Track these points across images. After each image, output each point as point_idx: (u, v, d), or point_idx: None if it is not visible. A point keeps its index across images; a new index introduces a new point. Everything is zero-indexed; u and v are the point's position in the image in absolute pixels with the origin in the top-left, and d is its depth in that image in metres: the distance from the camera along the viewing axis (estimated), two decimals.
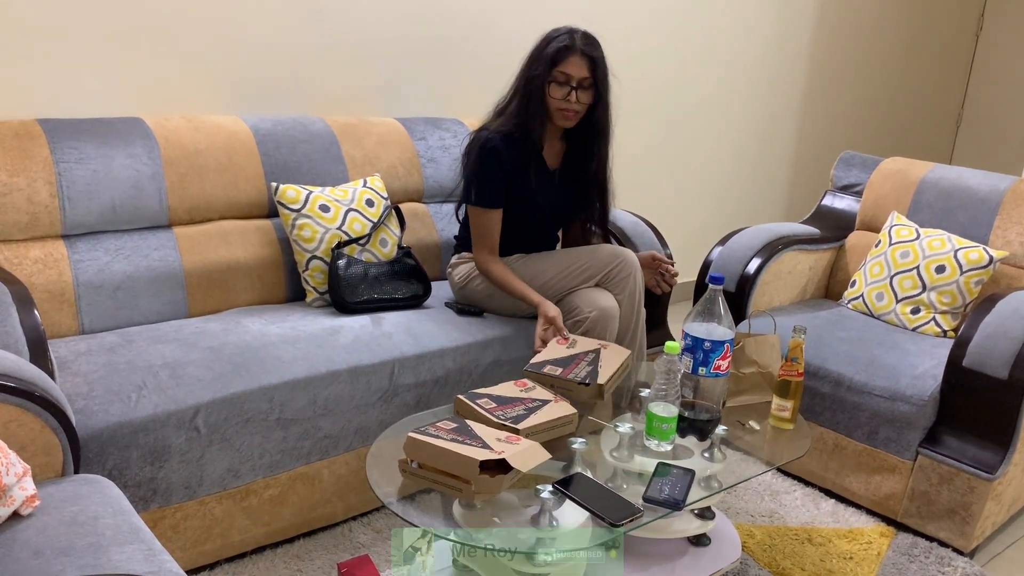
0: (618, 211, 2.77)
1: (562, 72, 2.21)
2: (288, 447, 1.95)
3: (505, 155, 2.26)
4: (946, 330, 2.53)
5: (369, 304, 2.30)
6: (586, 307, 2.21)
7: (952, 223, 2.72)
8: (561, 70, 2.21)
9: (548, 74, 2.22)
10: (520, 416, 1.70)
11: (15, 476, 1.30)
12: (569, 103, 2.23)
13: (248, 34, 2.54)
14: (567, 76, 2.21)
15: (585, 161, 2.38)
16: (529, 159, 2.30)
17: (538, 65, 2.23)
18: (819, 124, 4.60)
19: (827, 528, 2.28)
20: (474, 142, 2.31)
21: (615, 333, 2.22)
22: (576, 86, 2.22)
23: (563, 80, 2.22)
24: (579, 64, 2.21)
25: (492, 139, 2.26)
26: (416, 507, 1.54)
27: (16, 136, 2.05)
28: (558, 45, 2.21)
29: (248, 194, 2.37)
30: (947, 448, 2.17)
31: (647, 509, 1.55)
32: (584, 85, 2.23)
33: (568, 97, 2.22)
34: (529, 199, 2.33)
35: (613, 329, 2.21)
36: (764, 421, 1.97)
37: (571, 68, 2.21)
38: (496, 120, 2.32)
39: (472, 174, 2.30)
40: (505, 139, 2.27)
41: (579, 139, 2.37)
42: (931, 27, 5.06)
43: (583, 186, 2.42)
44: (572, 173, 2.41)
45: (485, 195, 2.29)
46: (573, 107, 2.24)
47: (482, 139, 2.28)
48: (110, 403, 1.72)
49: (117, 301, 2.12)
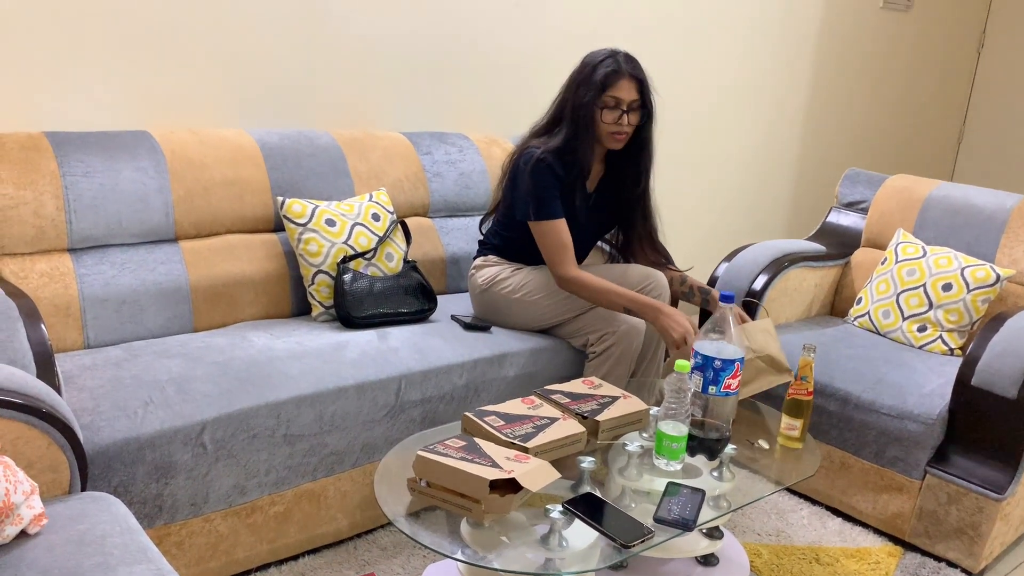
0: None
1: (612, 96, 2.21)
2: (294, 463, 1.94)
3: (559, 172, 2.26)
4: (953, 348, 2.53)
5: (375, 319, 2.30)
6: (614, 322, 2.22)
7: (958, 241, 2.72)
8: (612, 94, 2.21)
9: (598, 99, 2.22)
10: (528, 434, 1.69)
11: (23, 494, 1.28)
12: (620, 127, 2.23)
13: (255, 48, 2.54)
14: (617, 100, 2.22)
15: (629, 181, 2.38)
16: (575, 181, 2.30)
17: (587, 91, 2.22)
18: (821, 140, 4.61)
19: (834, 547, 2.26)
20: (527, 159, 2.27)
21: (639, 350, 2.24)
22: (627, 109, 2.22)
23: (614, 104, 2.22)
24: (629, 87, 2.22)
25: (546, 157, 2.25)
26: (423, 525, 1.53)
27: (23, 149, 2.05)
28: (606, 70, 2.21)
29: (254, 208, 2.37)
30: (956, 467, 2.16)
31: (658, 530, 1.54)
32: (633, 107, 2.24)
33: (620, 121, 2.22)
34: (569, 222, 2.31)
35: (637, 345, 2.23)
36: (773, 440, 1.96)
37: (621, 92, 2.21)
38: (539, 140, 2.31)
39: (529, 190, 2.26)
40: (558, 159, 2.26)
41: (621, 160, 2.37)
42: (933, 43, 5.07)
43: (625, 206, 2.42)
44: (608, 194, 2.42)
45: (548, 208, 2.26)
46: (624, 130, 2.24)
47: (536, 156, 2.25)
48: (116, 419, 1.71)
49: (123, 315, 2.11)
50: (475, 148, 2.89)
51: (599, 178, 2.41)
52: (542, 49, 3.22)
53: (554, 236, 2.26)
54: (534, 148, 2.27)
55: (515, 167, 2.31)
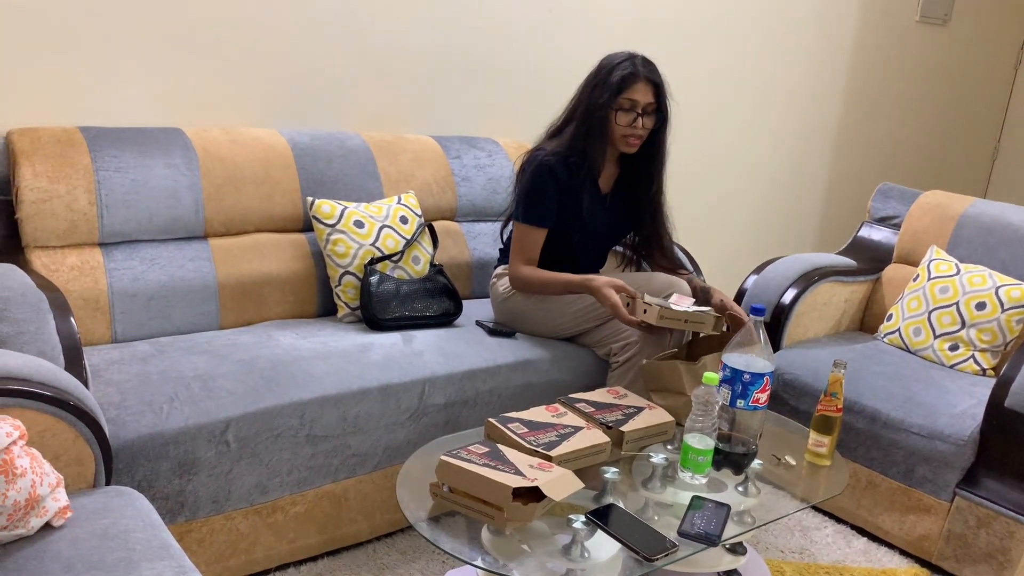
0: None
1: (628, 99, 2.22)
2: (317, 464, 1.94)
3: (561, 176, 2.26)
4: (985, 368, 2.48)
5: (400, 321, 2.29)
6: (636, 332, 2.20)
7: (993, 259, 2.67)
8: (627, 96, 2.22)
9: (614, 101, 2.22)
10: (552, 443, 1.68)
11: (48, 487, 1.29)
12: (635, 129, 2.23)
13: (288, 50, 2.55)
14: (633, 102, 2.22)
15: (642, 184, 2.38)
16: (584, 183, 2.30)
17: (602, 92, 2.23)
18: (854, 153, 4.56)
19: (859, 568, 2.22)
20: (530, 161, 2.30)
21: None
22: (642, 112, 2.23)
23: (629, 107, 2.22)
24: (645, 90, 2.22)
25: (548, 160, 2.26)
26: (444, 531, 1.52)
27: (58, 143, 2.06)
28: (623, 72, 2.21)
29: (284, 207, 2.37)
30: (986, 490, 2.12)
31: (681, 544, 1.52)
32: (648, 111, 2.25)
33: (634, 124, 2.23)
34: (580, 222, 2.32)
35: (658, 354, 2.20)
36: (800, 456, 1.93)
37: (637, 94, 2.22)
38: (551, 142, 2.32)
39: (523, 191, 2.29)
40: (562, 161, 2.26)
41: (635, 163, 2.37)
42: (969, 58, 5.01)
43: (638, 209, 2.42)
44: (623, 197, 2.42)
45: (533, 213, 2.28)
46: (638, 133, 2.25)
47: (538, 158, 2.27)
48: (142, 413, 1.71)
49: (150, 310, 2.12)
50: (504, 153, 2.88)
51: (613, 180, 2.40)
52: (574, 56, 3.20)
53: (526, 239, 2.30)
54: (541, 151, 2.29)
55: (521, 168, 2.33)
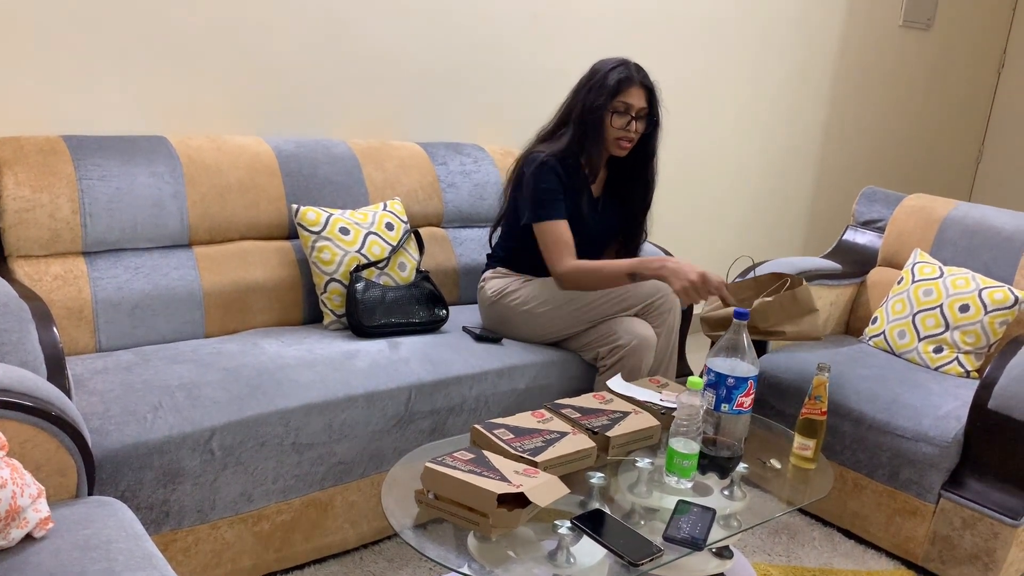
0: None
1: (623, 102, 2.24)
2: (302, 472, 1.93)
3: (562, 175, 2.28)
4: (969, 370, 2.50)
5: (386, 328, 2.29)
6: (625, 334, 2.20)
7: (976, 262, 2.69)
8: (622, 100, 2.24)
9: (609, 103, 2.24)
10: (538, 448, 1.68)
11: (29, 497, 1.28)
12: (628, 132, 2.26)
13: (273, 57, 2.55)
14: (628, 106, 2.25)
15: (632, 188, 2.41)
16: (581, 186, 2.31)
17: (598, 95, 2.25)
18: (838, 158, 4.59)
19: (845, 570, 2.23)
20: (529, 162, 2.29)
21: (650, 364, 2.23)
22: (635, 116, 2.25)
23: (623, 110, 2.25)
24: (639, 95, 2.25)
25: (549, 159, 2.27)
26: (430, 538, 1.52)
27: (40, 152, 2.06)
28: (618, 76, 2.24)
29: (269, 215, 2.37)
30: (971, 492, 2.13)
31: (667, 548, 1.52)
32: (641, 115, 2.28)
33: (628, 127, 2.25)
34: (577, 225, 2.32)
35: (648, 360, 2.21)
36: (785, 460, 1.94)
37: (632, 98, 2.24)
38: (544, 145, 2.33)
39: (533, 191, 2.27)
40: (561, 162, 2.27)
41: (624, 167, 2.39)
42: (953, 62, 5.05)
43: (628, 212, 2.44)
44: (614, 201, 2.44)
45: (550, 208, 2.27)
46: (631, 136, 2.27)
47: (539, 159, 2.27)
48: (125, 423, 1.71)
49: (135, 319, 2.11)
50: (490, 159, 2.89)
51: (603, 184, 2.43)
52: (558, 62, 3.21)
53: (553, 234, 2.27)
54: (538, 152, 2.29)
55: (520, 173, 2.33)
